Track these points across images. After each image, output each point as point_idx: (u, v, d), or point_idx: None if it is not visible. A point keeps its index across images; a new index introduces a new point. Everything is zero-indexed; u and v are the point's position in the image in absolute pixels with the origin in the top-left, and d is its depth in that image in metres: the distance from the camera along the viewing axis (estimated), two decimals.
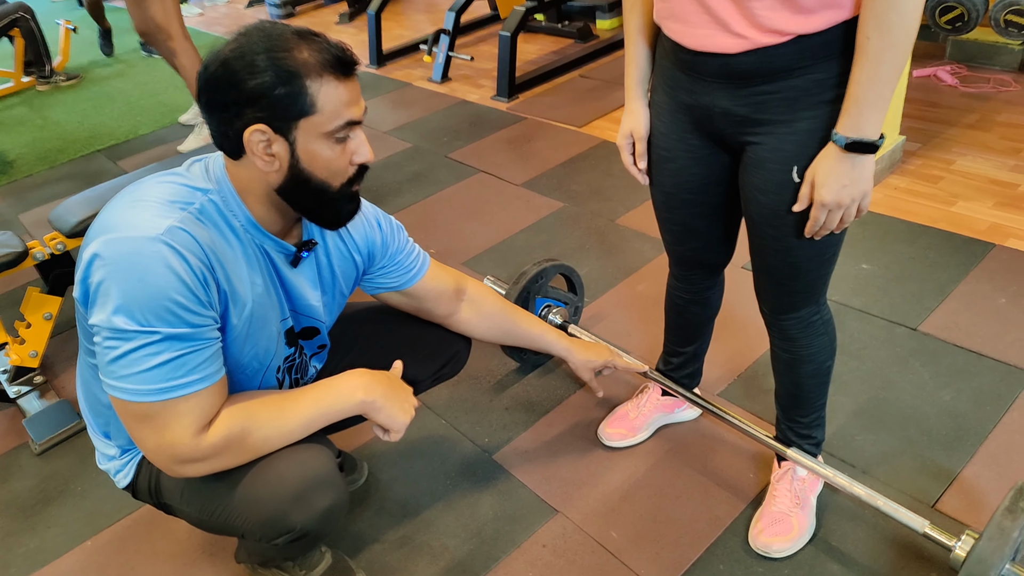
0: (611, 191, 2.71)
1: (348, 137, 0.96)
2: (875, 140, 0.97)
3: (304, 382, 1.24)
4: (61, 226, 1.97)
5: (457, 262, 2.41)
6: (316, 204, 0.99)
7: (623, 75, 1.29)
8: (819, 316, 1.26)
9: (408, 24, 5.18)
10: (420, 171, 3.08)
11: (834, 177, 1.00)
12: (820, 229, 1.06)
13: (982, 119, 2.86)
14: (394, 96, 3.92)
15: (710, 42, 1.03)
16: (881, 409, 1.64)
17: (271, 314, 1.07)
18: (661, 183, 1.29)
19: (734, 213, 1.29)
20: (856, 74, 0.95)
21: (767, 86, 1.03)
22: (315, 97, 0.90)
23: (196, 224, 0.93)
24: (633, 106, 1.26)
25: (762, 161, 1.09)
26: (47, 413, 1.89)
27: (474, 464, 1.65)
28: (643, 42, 1.22)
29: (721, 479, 1.53)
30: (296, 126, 0.92)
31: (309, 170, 0.95)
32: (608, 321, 2.05)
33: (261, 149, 0.93)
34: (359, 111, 0.96)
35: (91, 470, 1.77)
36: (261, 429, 0.99)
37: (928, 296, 1.96)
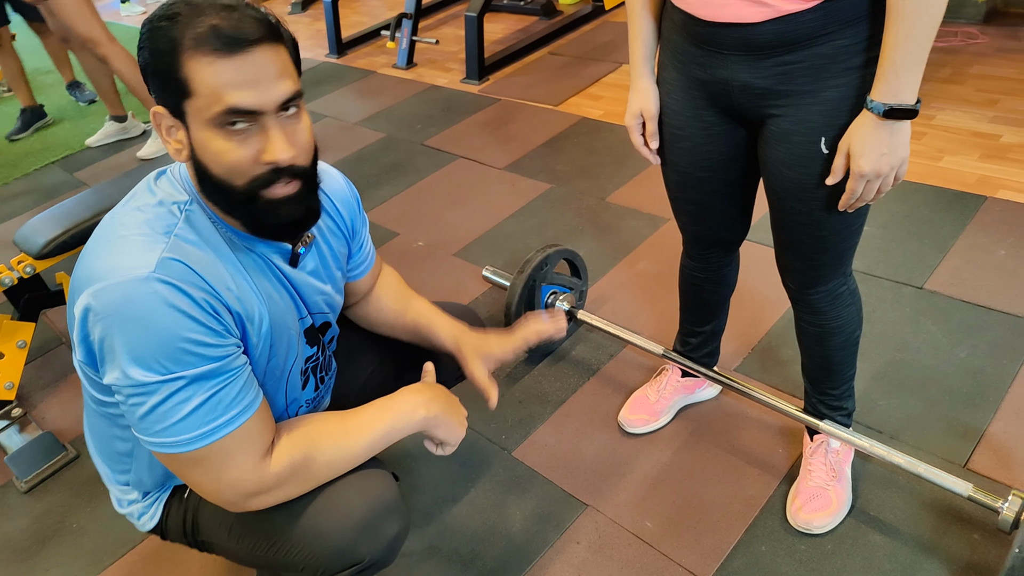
0: (597, 169, 2.66)
1: (248, 128, 0.79)
2: (914, 105, 0.93)
3: (328, 378, 1.17)
4: (29, 248, 1.83)
5: (448, 253, 2.34)
6: (230, 206, 0.86)
7: (592, 50, 1.24)
8: (846, 287, 1.23)
9: (365, 11, 5.03)
10: (397, 161, 2.98)
11: (872, 146, 0.96)
12: (857, 201, 1.02)
13: (955, 72, 2.87)
14: (360, 85, 3.80)
15: (729, 12, 0.98)
16: (900, 372, 1.63)
17: (288, 318, 0.99)
18: (675, 163, 1.24)
19: (751, 188, 1.25)
20: (890, 37, 0.91)
21: (790, 55, 0.98)
22: (189, 76, 0.77)
23: (185, 248, 0.84)
24: (641, 84, 1.20)
25: (786, 134, 1.04)
26: (31, 447, 1.78)
27: (494, 463, 1.60)
28: (649, 17, 1.17)
29: (750, 457, 1.50)
30: (184, 110, 0.80)
31: (204, 163, 0.82)
32: (612, 303, 2.01)
33: (167, 133, 0.84)
34: (252, 97, 0.77)
35: (86, 504, 1.68)
36: (325, 454, 0.93)
37: (929, 253, 1.95)
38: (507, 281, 1.89)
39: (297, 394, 1.08)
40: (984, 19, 3.22)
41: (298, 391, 1.08)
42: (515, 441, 1.64)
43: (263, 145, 0.80)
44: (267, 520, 0.96)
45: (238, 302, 0.88)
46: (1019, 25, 3.16)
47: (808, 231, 1.13)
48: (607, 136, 2.86)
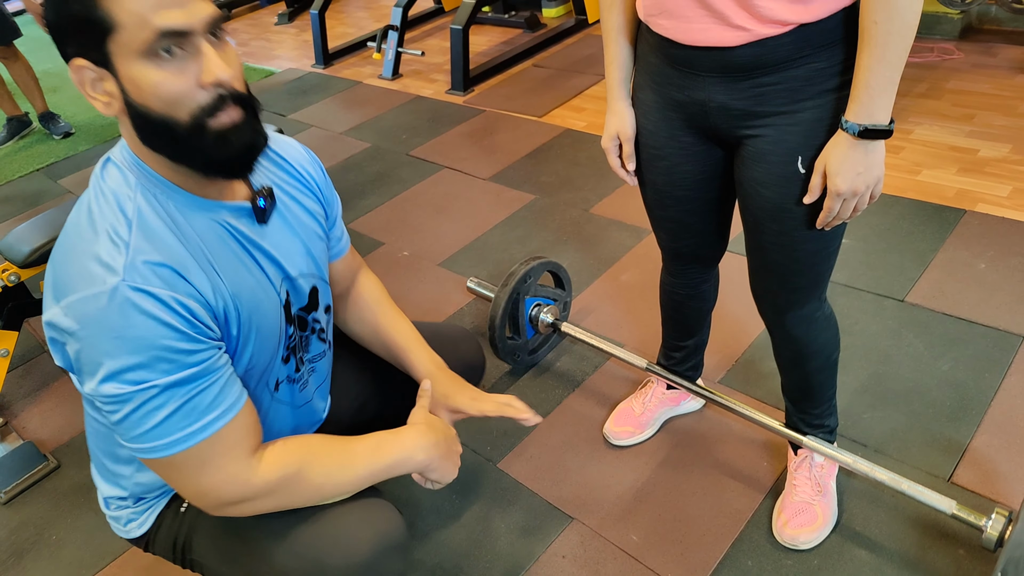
0: (581, 180, 2.66)
1: (181, 54, 0.76)
2: (887, 125, 0.95)
3: (308, 359, 1.09)
4: (14, 256, 1.81)
5: (433, 263, 2.33)
6: (176, 148, 0.81)
7: (575, 63, 1.25)
8: (821, 312, 1.23)
9: (350, 22, 5.03)
10: (382, 171, 2.97)
11: (848, 165, 0.96)
12: (834, 219, 1.03)
13: (932, 87, 2.92)
14: (346, 96, 3.79)
15: (707, 36, 0.99)
16: (883, 384, 1.64)
17: (261, 295, 0.92)
18: (653, 181, 1.24)
19: (727, 206, 1.26)
20: (864, 60, 0.92)
21: (767, 77, 0.99)
22: (110, 8, 0.72)
23: (149, 245, 0.80)
24: (617, 107, 1.20)
25: (763, 154, 1.05)
26: (11, 457, 1.76)
27: (478, 475, 1.58)
28: (625, 40, 1.17)
29: (735, 470, 1.50)
30: (109, 51, 0.75)
31: (143, 103, 0.77)
32: (596, 314, 2.00)
33: (91, 88, 0.78)
34: (180, 16, 0.74)
35: (67, 515, 1.64)
36: (319, 475, 0.91)
37: (909, 266, 1.97)
38: (491, 293, 1.88)
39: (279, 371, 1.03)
40: (960, 35, 3.28)
41: (280, 371, 1.03)
42: (500, 453, 1.63)
43: (200, 68, 0.77)
44: (266, 548, 0.94)
45: (212, 292, 0.85)
46: (994, 41, 3.22)
47: (784, 253, 1.13)
48: (590, 147, 2.87)
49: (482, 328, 2.01)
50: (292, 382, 1.05)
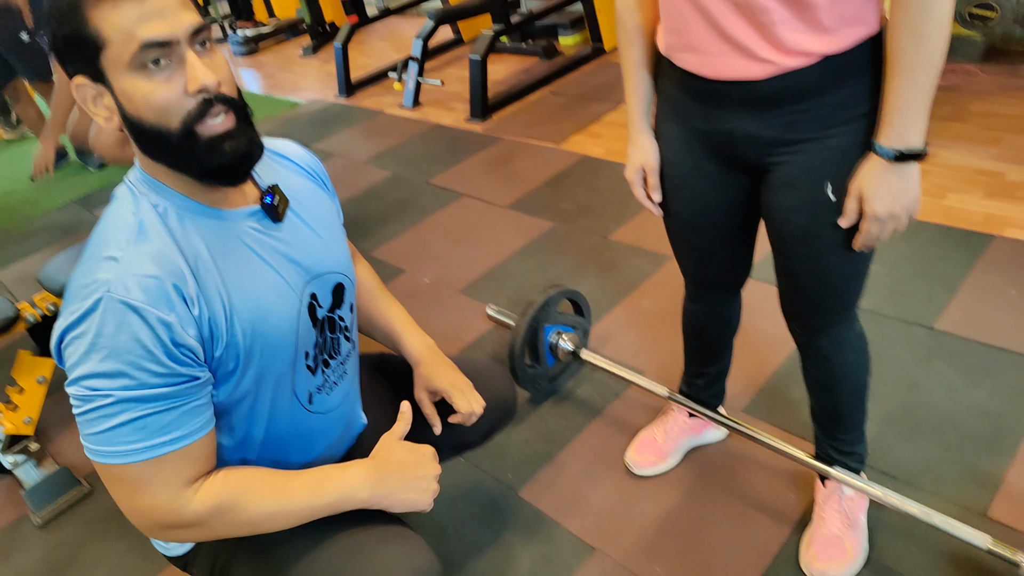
0: (600, 207, 2.66)
1: (167, 64, 0.78)
2: (922, 148, 0.94)
3: (336, 362, 1.07)
4: (51, 286, 1.87)
5: (453, 291, 2.33)
6: (172, 157, 0.83)
7: (592, 90, 1.25)
8: (852, 331, 1.22)
9: (372, 53, 5.12)
10: (403, 199, 3.00)
11: (884, 188, 0.96)
12: (873, 242, 1.02)
13: (957, 110, 2.88)
14: (367, 125, 3.84)
15: (732, 70, 0.99)
16: (913, 415, 1.60)
17: (273, 303, 0.91)
18: (677, 212, 1.24)
19: (752, 232, 1.25)
20: (894, 86, 0.92)
21: (796, 106, 0.99)
22: (99, 26, 0.76)
23: (141, 257, 0.81)
24: (640, 139, 1.21)
25: (792, 180, 1.04)
26: (47, 482, 1.80)
27: (500, 503, 1.56)
28: (645, 74, 1.18)
29: (760, 502, 1.46)
30: (102, 67, 0.78)
31: (136, 115, 0.80)
32: (616, 342, 1.99)
33: (92, 104, 0.82)
34: (162, 27, 0.77)
35: (98, 539, 1.67)
36: (256, 506, 0.88)
37: (938, 293, 1.93)
38: (511, 320, 1.87)
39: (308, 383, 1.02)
40: (983, 57, 3.25)
41: (307, 379, 1.02)
42: (521, 480, 1.61)
43: (186, 77, 0.80)
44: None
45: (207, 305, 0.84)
46: (1019, 62, 3.18)
47: (814, 277, 1.12)
48: (609, 174, 2.87)
49: (502, 356, 2.00)
50: (322, 390, 1.05)
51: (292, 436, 1.03)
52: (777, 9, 0.92)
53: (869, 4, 0.93)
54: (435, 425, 1.18)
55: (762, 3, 0.92)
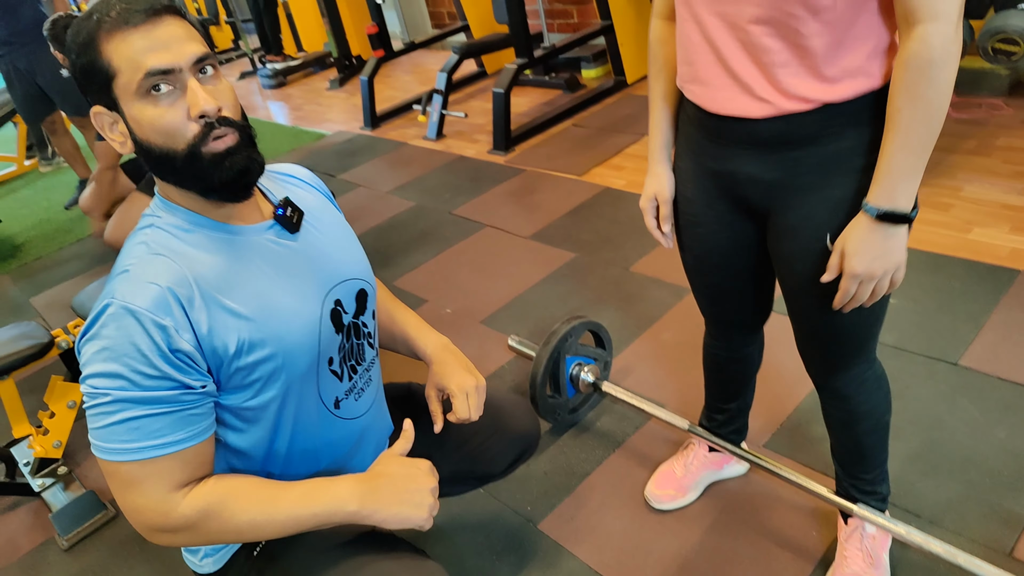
0: (621, 238, 2.68)
1: (172, 91, 0.84)
2: (908, 211, 0.93)
3: (362, 368, 1.10)
4: (84, 313, 1.95)
5: (475, 320, 2.36)
6: (178, 176, 0.89)
7: (615, 122, 1.28)
8: (871, 372, 1.21)
9: (397, 86, 5.24)
10: (426, 229, 3.05)
11: (865, 247, 0.96)
12: (851, 301, 1.01)
13: (981, 144, 2.88)
14: (392, 156, 3.92)
15: (732, 106, 1.00)
16: (936, 452, 1.58)
17: (291, 314, 0.94)
18: (690, 247, 1.26)
19: (767, 276, 1.25)
20: (887, 144, 0.92)
21: (794, 152, 1.00)
22: (110, 57, 0.83)
23: (150, 269, 0.86)
24: (657, 169, 1.23)
25: (793, 229, 1.05)
26: (74, 506, 1.84)
27: (519, 535, 1.56)
28: (667, 108, 1.20)
29: (783, 539, 1.45)
30: (115, 95, 0.85)
31: (145, 139, 0.87)
32: (637, 374, 1.99)
33: (109, 131, 0.89)
34: (166, 57, 0.83)
35: (122, 563, 1.70)
36: (242, 513, 0.89)
37: (962, 328, 1.92)
38: (532, 351, 1.89)
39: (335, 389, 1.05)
40: (1009, 91, 3.25)
41: (333, 385, 1.04)
42: (540, 513, 1.61)
43: (188, 103, 0.85)
44: None
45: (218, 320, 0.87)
46: None
47: (825, 323, 1.12)
48: (630, 206, 2.90)
49: (523, 386, 2.02)
50: (349, 395, 1.07)
51: (323, 444, 1.05)
52: (780, 51, 0.93)
53: (874, 58, 0.93)
54: (436, 423, 1.18)
55: (765, 43, 0.93)
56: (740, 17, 0.94)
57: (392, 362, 1.28)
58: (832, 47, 0.91)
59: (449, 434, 1.26)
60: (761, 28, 0.93)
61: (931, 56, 0.85)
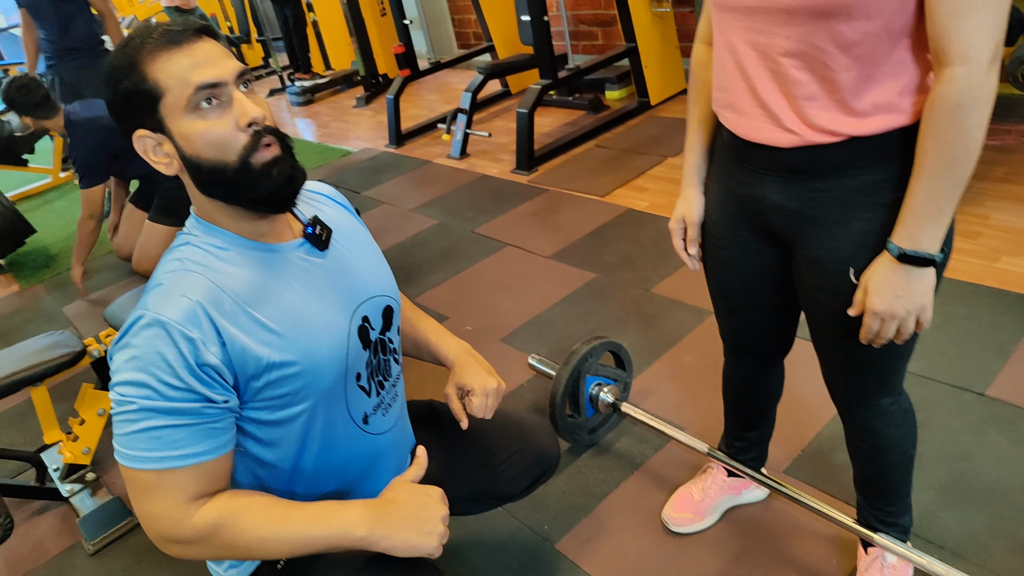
0: (643, 260, 2.68)
1: (219, 104, 0.87)
2: (932, 254, 0.92)
3: (388, 383, 1.12)
4: (117, 323, 2.00)
5: (495, 339, 2.37)
6: (226, 190, 0.91)
7: (638, 144, 1.29)
8: (897, 405, 1.19)
9: (422, 104, 5.31)
10: (448, 247, 3.07)
11: (887, 286, 0.95)
12: (876, 338, 1.00)
13: (1010, 172, 2.85)
14: (416, 174, 3.97)
15: (761, 134, 1.01)
16: (962, 483, 1.55)
17: (320, 328, 0.97)
18: (715, 271, 1.26)
19: (791, 307, 1.24)
20: (913, 185, 0.91)
21: (820, 183, 0.99)
22: (156, 77, 0.86)
23: (181, 284, 0.89)
24: (688, 192, 1.24)
25: (817, 261, 1.04)
26: (100, 512, 1.88)
27: (536, 555, 1.56)
28: (703, 131, 1.20)
29: (801, 566, 1.44)
30: (162, 116, 0.88)
31: (195, 156, 0.89)
32: (657, 395, 1.99)
33: (153, 154, 0.91)
34: (214, 72, 0.86)
35: (145, 569, 1.73)
36: (252, 530, 0.89)
37: (990, 358, 1.89)
38: (552, 370, 1.90)
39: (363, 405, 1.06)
40: None
41: (361, 400, 1.06)
42: (558, 533, 1.61)
43: (235, 113, 0.88)
44: None
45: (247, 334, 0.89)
46: None
47: (848, 355, 1.11)
48: (652, 227, 2.91)
49: (542, 405, 2.02)
50: (377, 410, 1.09)
51: (350, 458, 1.06)
52: (808, 84, 0.93)
53: (906, 95, 0.92)
54: (462, 421, 1.20)
55: (794, 76, 0.94)
56: (772, 49, 0.95)
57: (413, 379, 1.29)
58: (861, 82, 0.91)
59: (469, 453, 1.27)
60: (791, 61, 0.93)
61: (958, 99, 0.84)
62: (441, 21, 6.12)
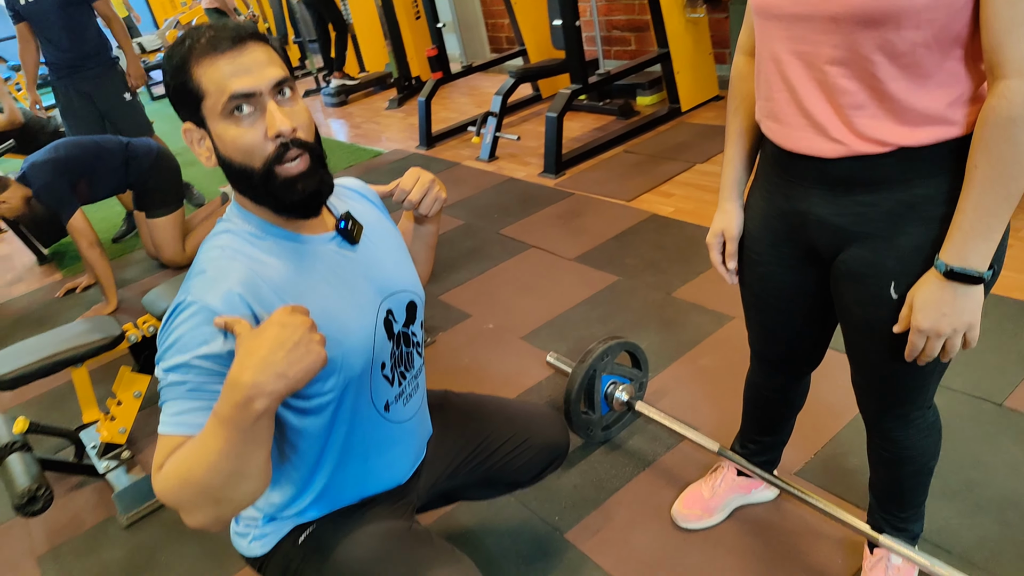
0: (665, 264, 2.71)
1: (252, 112, 0.92)
2: (980, 272, 0.89)
3: (410, 375, 1.16)
4: (154, 310, 2.10)
5: (516, 337, 2.42)
6: (255, 191, 0.96)
7: (666, 150, 1.30)
8: (924, 418, 1.18)
9: (453, 107, 5.39)
10: (474, 247, 3.13)
11: (933, 304, 0.93)
12: (920, 355, 0.98)
13: None
14: (444, 176, 4.04)
15: (806, 145, 0.99)
16: (974, 491, 1.56)
17: (350, 317, 1.01)
18: (750, 285, 1.25)
19: (824, 325, 1.23)
20: (963, 200, 0.88)
21: (866, 196, 0.97)
22: (199, 80, 0.91)
23: (221, 272, 0.93)
24: (727, 206, 1.22)
25: (857, 275, 1.03)
26: (134, 487, 1.97)
27: (545, 543, 1.60)
28: (743, 144, 1.19)
29: (806, 565, 1.45)
30: (203, 115, 0.93)
31: (227, 155, 0.94)
32: (672, 396, 2.01)
33: (196, 146, 0.97)
34: (248, 81, 0.90)
35: (175, 543, 1.82)
36: (188, 467, 0.85)
37: (1011, 370, 1.88)
38: (569, 367, 1.93)
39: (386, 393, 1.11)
40: None
41: (385, 390, 1.10)
42: (568, 523, 1.64)
43: (266, 124, 0.92)
44: None
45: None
46: None
47: (883, 369, 1.10)
48: (677, 233, 2.93)
49: (559, 402, 2.06)
50: (399, 400, 1.14)
51: (372, 442, 1.12)
52: (856, 93, 0.91)
53: (958, 106, 0.90)
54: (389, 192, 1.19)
55: (842, 84, 0.92)
56: (818, 57, 0.93)
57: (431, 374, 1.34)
58: (910, 92, 0.89)
59: (481, 441, 1.32)
60: (838, 69, 0.92)
61: (1011, 114, 0.82)
62: (475, 25, 6.21)
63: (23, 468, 1.70)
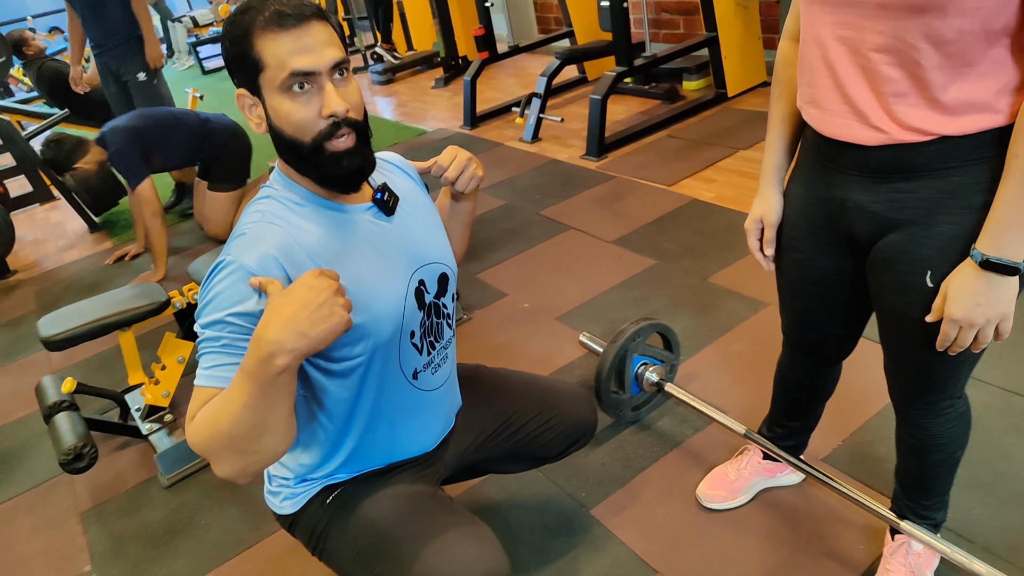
0: (703, 249, 2.72)
1: (309, 89, 0.95)
2: (1017, 263, 0.89)
3: (439, 345, 1.20)
4: (199, 279, 2.19)
5: (551, 317, 2.47)
6: (301, 163, 1.01)
7: (710, 135, 1.30)
8: (954, 409, 1.18)
9: (499, 88, 5.42)
10: (514, 227, 3.18)
11: (967, 293, 0.93)
12: (952, 345, 0.99)
13: None
14: (487, 156, 4.09)
15: (846, 132, 1.00)
16: (1000, 483, 1.56)
17: (382, 287, 1.06)
18: (787, 271, 1.26)
19: (859, 314, 1.24)
20: (1002, 190, 0.88)
21: (906, 184, 0.97)
22: (261, 52, 0.94)
23: (260, 236, 0.98)
24: (766, 192, 1.22)
25: (892, 262, 1.03)
26: (175, 449, 2.07)
27: (571, 518, 1.66)
28: (784, 131, 1.19)
29: (828, 549, 1.49)
30: (260, 85, 0.96)
31: (279, 127, 0.98)
32: (703, 379, 2.05)
33: (248, 112, 1.00)
34: (309, 60, 0.93)
35: (215, 504, 1.91)
36: (214, 418, 0.90)
37: None
38: (600, 347, 1.98)
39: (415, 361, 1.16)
40: None
41: (414, 358, 1.15)
42: (594, 500, 1.70)
43: (322, 102, 0.96)
44: (389, 558, 1.09)
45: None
46: None
47: (913, 356, 1.11)
48: (716, 218, 2.93)
49: (590, 381, 2.11)
50: (427, 368, 1.19)
51: (400, 408, 1.18)
52: (899, 81, 0.91)
53: (1003, 95, 0.89)
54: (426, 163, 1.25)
55: (885, 72, 0.92)
56: (862, 44, 0.93)
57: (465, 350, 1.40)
58: (954, 80, 0.89)
59: (510, 416, 1.37)
60: (882, 56, 0.92)
61: None
62: (523, 5, 6.20)
63: (70, 426, 1.79)
